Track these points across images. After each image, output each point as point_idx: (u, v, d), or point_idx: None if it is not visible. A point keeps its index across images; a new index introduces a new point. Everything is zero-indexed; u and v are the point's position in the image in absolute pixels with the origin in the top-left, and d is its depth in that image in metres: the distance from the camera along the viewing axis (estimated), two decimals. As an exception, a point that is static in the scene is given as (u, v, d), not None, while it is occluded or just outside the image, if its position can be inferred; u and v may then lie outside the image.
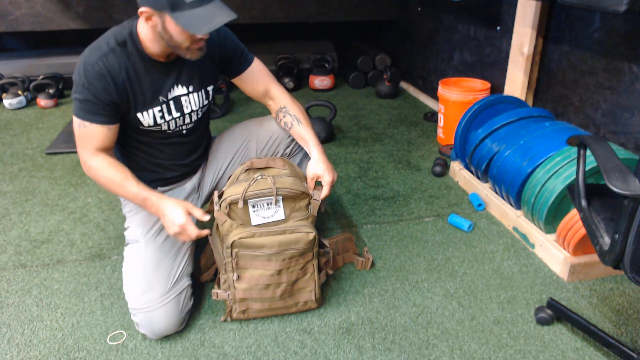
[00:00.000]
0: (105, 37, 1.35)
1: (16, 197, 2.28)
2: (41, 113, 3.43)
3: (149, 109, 1.41)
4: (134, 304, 1.40)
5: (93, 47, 1.34)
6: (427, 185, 2.35)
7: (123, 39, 1.34)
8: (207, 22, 1.22)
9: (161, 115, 1.44)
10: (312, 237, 1.40)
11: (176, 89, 1.44)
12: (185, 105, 1.48)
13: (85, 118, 1.33)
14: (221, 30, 1.49)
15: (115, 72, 1.32)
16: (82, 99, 1.32)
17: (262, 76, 1.61)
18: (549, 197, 1.70)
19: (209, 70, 1.51)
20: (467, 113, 2.25)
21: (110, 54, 1.31)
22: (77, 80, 1.32)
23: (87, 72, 1.30)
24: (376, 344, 1.42)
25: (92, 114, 1.33)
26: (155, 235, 1.48)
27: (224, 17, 1.23)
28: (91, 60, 1.30)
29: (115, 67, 1.32)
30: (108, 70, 1.31)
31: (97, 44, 1.34)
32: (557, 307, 1.45)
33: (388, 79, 3.64)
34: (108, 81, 1.31)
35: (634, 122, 1.86)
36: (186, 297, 1.46)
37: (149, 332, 1.40)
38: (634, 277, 1.10)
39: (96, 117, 1.34)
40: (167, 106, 1.44)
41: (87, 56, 1.32)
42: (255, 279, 1.42)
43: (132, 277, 1.43)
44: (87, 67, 1.30)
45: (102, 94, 1.31)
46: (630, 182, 1.03)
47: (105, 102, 1.33)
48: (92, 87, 1.30)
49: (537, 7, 2.19)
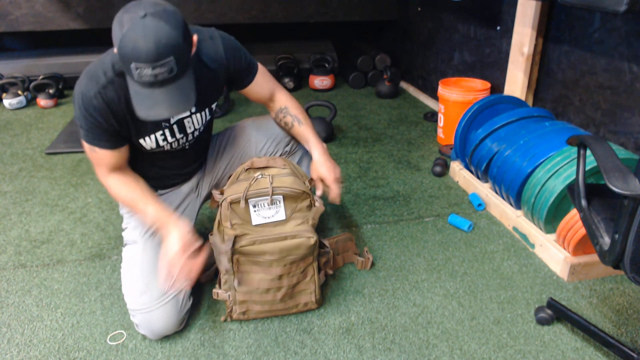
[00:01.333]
0: (103, 64, 1.28)
1: (16, 197, 2.28)
2: (41, 113, 3.43)
3: (151, 134, 1.40)
4: (132, 305, 1.40)
5: (91, 75, 1.27)
6: (427, 185, 2.35)
7: (121, 68, 1.24)
8: (146, 109, 1.14)
9: (163, 138, 1.43)
10: (313, 242, 1.40)
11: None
12: (189, 126, 1.46)
13: (93, 144, 1.33)
14: (229, 47, 1.43)
15: (114, 105, 1.28)
16: (86, 127, 1.30)
17: (266, 84, 1.59)
18: (549, 197, 1.70)
19: (215, 89, 1.47)
20: (467, 113, 2.25)
21: (108, 85, 1.26)
22: (77, 110, 1.29)
23: (85, 105, 1.26)
24: (376, 344, 1.42)
25: (98, 140, 1.32)
26: (153, 235, 1.48)
27: (165, 110, 1.13)
28: (89, 93, 1.25)
29: (114, 100, 1.27)
30: (107, 104, 1.26)
31: (94, 72, 1.27)
32: (557, 307, 1.45)
33: (388, 79, 3.64)
34: (107, 114, 1.28)
35: (634, 122, 1.86)
36: (185, 297, 1.46)
37: (148, 332, 1.41)
38: (634, 277, 1.10)
39: (103, 143, 1.33)
40: (170, 130, 1.42)
41: (85, 87, 1.26)
42: (256, 282, 1.42)
43: (130, 278, 1.43)
44: (85, 100, 1.26)
45: (103, 124, 1.29)
46: (630, 182, 1.03)
47: (109, 131, 1.32)
48: (93, 118, 1.28)
49: (537, 7, 2.19)
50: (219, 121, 3.24)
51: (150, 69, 1.08)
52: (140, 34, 1.05)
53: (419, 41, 3.67)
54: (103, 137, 1.32)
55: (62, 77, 3.75)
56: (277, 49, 4.12)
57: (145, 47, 1.06)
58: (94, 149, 1.34)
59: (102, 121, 1.29)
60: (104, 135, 1.32)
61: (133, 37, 1.06)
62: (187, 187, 1.65)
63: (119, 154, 1.38)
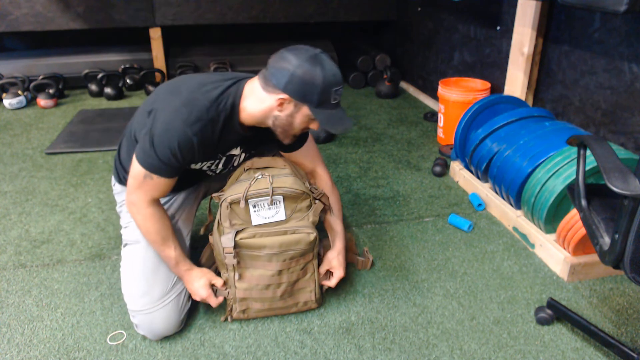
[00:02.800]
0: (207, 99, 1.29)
1: (16, 197, 2.28)
2: (41, 113, 3.43)
3: (204, 161, 1.43)
4: (133, 306, 1.39)
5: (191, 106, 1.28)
6: (427, 185, 2.35)
7: (222, 107, 1.30)
8: (340, 124, 1.33)
9: (209, 166, 1.47)
10: (313, 237, 1.40)
11: (234, 150, 1.47)
12: (234, 160, 1.52)
13: (154, 172, 1.30)
14: None
15: (206, 142, 1.31)
16: (159, 156, 1.27)
17: (310, 156, 1.64)
18: (549, 197, 1.70)
19: (267, 144, 1.55)
20: (467, 113, 2.25)
21: (210, 124, 1.29)
22: (161, 136, 1.26)
23: (176, 137, 1.25)
24: (376, 344, 1.42)
25: (163, 170, 1.30)
26: None
27: (349, 122, 1.36)
28: (187, 127, 1.25)
29: (208, 138, 1.30)
30: (202, 142, 1.29)
31: (196, 105, 1.28)
32: (557, 307, 1.45)
33: (388, 79, 3.64)
34: (194, 149, 1.29)
35: (634, 122, 1.86)
36: (185, 297, 1.46)
37: (148, 333, 1.40)
38: (634, 277, 1.10)
39: (166, 172, 1.31)
40: (219, 161, 1.47)
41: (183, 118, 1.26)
42: (256, 278, 1.42)
43: (131, 278, 1.43)
44: (179, 134, 1.25)
45: (180, 160, 1.30)
46: (630, 182, 1.03)
47: (182, 164, 1.32)
48: (179, 150, 1.27)
49: (537, 7, 2.19)
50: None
51: (341, 89, 1.33)
52: (329, 64, 1.30)
53: (419, 41, 3.67)
54: (169, 167, 1.30)
55: (62, 77, 3.75)
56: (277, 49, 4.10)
57: (339, 73, 1.31)
58: (152, 175, 1.30)
59: (185, 159, 1.30)
60: (171, 167, 1.30)
61: (330, 68, 1.29)
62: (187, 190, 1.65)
63: (171, 183, 1.36)
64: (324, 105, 1.29)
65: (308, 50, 1.31)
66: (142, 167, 1.30)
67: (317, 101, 1.28)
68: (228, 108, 1.32)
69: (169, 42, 4.09)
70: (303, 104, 1.29)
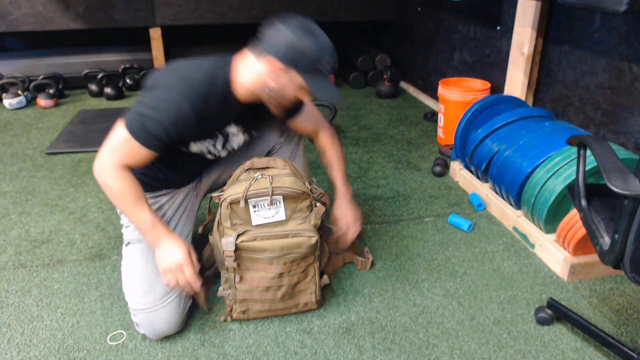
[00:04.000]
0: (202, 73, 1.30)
1: (16, 197, 2.28)
2: (41, 113, 3.43)
3: (203, 140, 1.43)
4: (135, 305, 1.39)
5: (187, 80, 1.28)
6: (427, 185, 2.35)
7: (216, 81, 1.31)
8: (330, 93, 1.33)
9: (207, 147, 1.47)
10: (314, 241, 1.40)
11: (231, 127, 1.47)
12: (232, 141, 1.52)
13: (138, 139, 1.27)
14: None
15: (200, 116, 1.29)
16: (148, 126, 1.25)
17: (312, 118, 1.67)
18: (549, 197, 1.70)
19: (264, 119, 1.55)
20: (467, 113, 2.25)
21: (202, 98, 1.28)
22: (155, 108, 1.25)
23: (171, 109, 1.25)
24: (376, 344, 1.42)
25: (149, 140, 1.27)
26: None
27: (338, 93, 1.35)
28: (182, 98, 1.25)
29: (201, 112, 1.29)
30: (194, 116, 1.28)
31: (191, 79, 1.28)
32: (557, 307, 1.45)
33: (388, 79, 3.64)
34: (189, 123, 1.29)
35: (634, 122, 1.86)
36: (186, 297, 1.46)
37: (149, 332, 1.40)
38: (634, 277, 1.10)
39: (150, 144, 1.28)
40: (218, 140, 1.47)
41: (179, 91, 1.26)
42: (257, 281, 1.42)
43: (133, 277, 1.43)
44: (174, 105, 1.25)
45: (172, 134, 1.28)
46: (630, 182, 1.03)
47: (171, 139, 1.30)
48: (169, 125, 1.26)
49: (537, 7, 2.19)
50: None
51: (333, 59, 1.31)
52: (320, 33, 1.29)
53: (419, 41, 3.66)
54: (158, 142, 1.29)
55: (62, 77, 3.75)
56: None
57: (331, 46, 1.30)
58: (133, 141, 1.27)
59: (177, 132, 1.28)
60: (159, 141, 1.29)
61: (322, 37, 1.28)
62: (187, 187, 1.65)
63: (150, 157, 1.33)
64: (314, 73, 1.29)
65: (300, 19, 1.30)
66: (127, 130, 1.27)
67: (307, 68, 1.28)
68: (223, 81, 1.33)
69: (169, 42, 4.09)
70: (293, 70, 1.28)
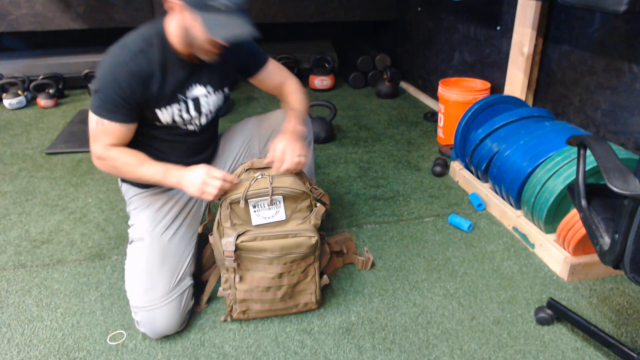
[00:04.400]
0: (134, 36, 1.36)
1: (16, 197, 2.28)
2: (41, 113, 3.43)
3: (168, 105, 1.43)
4: (136, 302, 1.39)
5: (122, 45, 1.35)
6: (427, 185, 2.35)
7: (151, 39, 1.36)
8: (226, 30, 1.25)
9: (179, 114, 1.47)
10: (314, 241, 1.40)
11: (195, 89, 1.47)
12: (204, 105, 1.51)
13: (104, 116, 1.34)
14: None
15: (145, 72, 1.34)
16: (105, 97, 1.32)
17: (278, 74, 1.66)
18: (549, 197, 1.70)
19: (229, 73, 1.55)
20: (467, 113, 2.25)
21: (139, 54, 1.33)
22: (103, 78, 1.32)
23: (116, 71, 1.31)
24: (376, 344, 1.42)
25: (112, 112, 1.34)
26: (161, 232, 1.49)
27: (243, 30, 1.26)
28: (121, 59, 1.32)
29: (144, 67, 1.34)
30: (138, 70, 1.33)
31: (125, 43, 1.35)
32: (557, 307, 1.45)
33: (388, 79, 3.64)
34: (137, 80, 1.33)
35: (634, 122, 1.86)
36: (188, 296, 1.46)
37: (149, 331, 1.40)
38: (634, 277, 1.10)
39: (117, 116, 1.35)
40: (185, 105, 1.46)
41: (117, 55, 1.33)
42: (257, 281, 1.42)
43: (135, 274, 1.43)
44: (117, 66, 1.31)
45: (128, 94, 1.32)
46: (630, 182, 1.03)
47: (130, 101, 1.34)
48: (119, 87, 1.31)
49: (537, 7, 2.19)
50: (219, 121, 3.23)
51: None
52: None
53: (419, 41, 3.66)
54: (119, 109, 1.33)
55: (62, 77, 3.75)
56: (277, 49, 4.12)
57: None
58: (102, 121, 1.34)
59: (127, 89, 1.31)
60: (120, 107, 1.33)
61: None
62: None
63: (126, 131, 1.38)
64: (206, 9, 1.24)
65: None
66: (93, 113, 1.35)
67: (197, 4, 1.24)
68: (154, 34, 1.36)
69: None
70: (192, 9, 1.25)
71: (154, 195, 1.57)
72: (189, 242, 1.53)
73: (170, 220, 1.53)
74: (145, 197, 1.57)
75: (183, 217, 1.57)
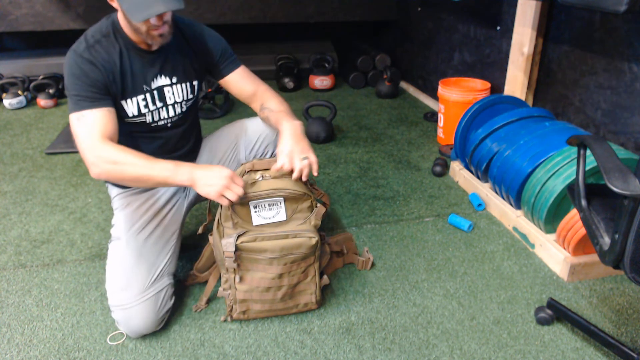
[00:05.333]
0: (91, 31, 1.40)
1: (16, 197, 2.28)
2: (41, 113, 3.43)
3: (133, 97, 1.44)
4: (112, 301, 1.40)
5: (80, 40, 1.38)
6: (427, 185, 2.35)
7: (107, 30, 1.39)
8: (144, 10, 1.24)
9: (145, 104, 1.47)
10: (314, 242, 1.40)
11: (159, 79, 1.48)
12: (168, 96, 1.51)
13: (82, 107, 1.33)
14: (207, 33, 1.56)
15: (104, 59, 1.36)
16: (76, 91, 1.33)
17: (249, 83, 1.63)
18: (549, 197, 1.70)
19: (194, 67, 1.55)
20: (467, 113, 2.25)
21: (96, 45, 1.36)
22: (68, 72, 1.34)
23: (77, 61, 1.33)
24: (376, 344, 1.42)
25: (89, 101, 1.34)
26: (137, 232, 1.49)
27: (161, 6, 1.23)
28: (79, 50, 1.35)
29: (103, 56, 1.36)
30: (96, 58, 1.35)
31: (84, 37, 1.38)
32: (557, 307, 1.45)
33: (388, 79, 3.64)
34: (97, 66, 1.35)
35: (634, 122, 1.86)
36: (166, 296, 1.44)
37: (126, 330, 1.41)
38: (634, 277, 1.10)
39: (94, 103, 1.34)
40: (150, 95, 1.47)
41: (74, 48, 1.36)
42: (257, 281, 1.42)
43: (112, 273, 1.43)
44: (76, 57, 1.34)
45: (94, 79, 1.34)
46: (630, 182, 1.03)
47: (100, 88, 1.35)
48: (84, 74, 1.33)
49: (537, 7, 2.19)
50: (219, 121, 3.24)
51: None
52: None
53: (419, 41, 3.67)
54: (93, 95, 1.34)
55: (62, 77, 3.75)
56: (277, 49, 4.12)
57: None
58: (82, 114, 1.33)
59: (92, 75, 1.33)
60: (93, 94, 1.34)
61: None
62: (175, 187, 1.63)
63: (109, 115, 1.36)
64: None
65: None
66: (71, 114, 1.35)
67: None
68: (109, 25, 1.40)
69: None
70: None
71: (133, 195, 1.57)
72: (167, 242, 1.52)
73: (147, 220, 1.52)
74: (125, 197, 1.57)
75: (161, 216, 1.56)
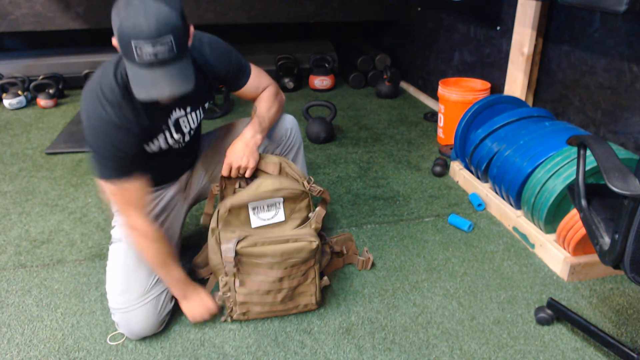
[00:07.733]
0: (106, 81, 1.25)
1: (16, 197, 2.28)
2: (41, 113, 3.43)
3: (154, 139, 1.38)
4: (112, 304, 1.40)
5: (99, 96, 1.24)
6: (427, 185, 2.35)
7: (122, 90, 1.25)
8: (149, 88, 1.11)
9: (165, 141, 1.41)
10: (315, 246, 1.39)
11: (174, 113, 1.40)
12: (184, 125, 1.44)
13: (121, 176, 1.27)
14: (217, 52, 1.42)
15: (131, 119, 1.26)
16: (110, 156, 1.25)
17: (257, 85, 1.58)
18: (549, 197, 1.70)
19: (205, 90, 1.46)
20: (467, 113, 2.25)
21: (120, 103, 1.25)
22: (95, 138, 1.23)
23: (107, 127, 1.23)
24: (376, 344, 1.42)
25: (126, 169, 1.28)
26: None
27: (166, 90, 1.11)
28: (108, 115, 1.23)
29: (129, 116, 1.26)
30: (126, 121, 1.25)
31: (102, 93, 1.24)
32: (557, 307, 1.45)
33: (388, 79, 3.64)
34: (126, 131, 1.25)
35: (634, 122, 1.86)
36: (166, 298, 1.45)
37: (127, 332, 1.41)
38: (634, 277, 1.10)
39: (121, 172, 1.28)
40: (169, 131, 1.41)
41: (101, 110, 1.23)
42: (257, 284, 1.42)
43: (112, 276, 1.43)
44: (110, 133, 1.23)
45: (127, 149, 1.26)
46: (630, 182, 1.03)
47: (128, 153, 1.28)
48: (117, 147, 1.24)
49: (537, 7, 2.19)
50: (219, 121, 3.24)
51: (151, 46, 1.06)
52: (141, 12, 1.05)
53: (419, 41, 3.66)
54: (129, 162, 1.27)
55: (62, 77, 3.75)
56: (277, 49, 4.12)
57: (146, 24, 1.04)
58: (122, 185, 1.27)
59: (124, 140, 1.25)
60: (130, 161, 1.27)
61: (134, 16, 1.05)
62: (174, 188, 1.62)
63: (136, 186, 1.31)
64: (129, 60, 1.10)
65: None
66: (106, 181, 1.29)
67: (123, 52, 1.10)
68: (121, 80, 1.24)
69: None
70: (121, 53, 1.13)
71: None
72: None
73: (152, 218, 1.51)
74: None
75: (162, 219, 1.55)
